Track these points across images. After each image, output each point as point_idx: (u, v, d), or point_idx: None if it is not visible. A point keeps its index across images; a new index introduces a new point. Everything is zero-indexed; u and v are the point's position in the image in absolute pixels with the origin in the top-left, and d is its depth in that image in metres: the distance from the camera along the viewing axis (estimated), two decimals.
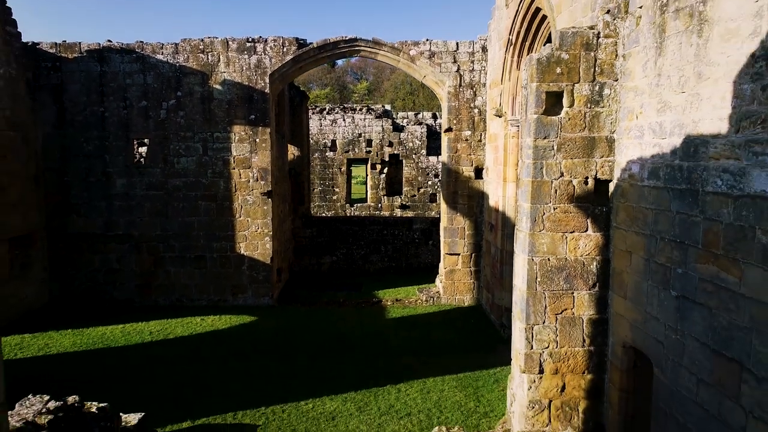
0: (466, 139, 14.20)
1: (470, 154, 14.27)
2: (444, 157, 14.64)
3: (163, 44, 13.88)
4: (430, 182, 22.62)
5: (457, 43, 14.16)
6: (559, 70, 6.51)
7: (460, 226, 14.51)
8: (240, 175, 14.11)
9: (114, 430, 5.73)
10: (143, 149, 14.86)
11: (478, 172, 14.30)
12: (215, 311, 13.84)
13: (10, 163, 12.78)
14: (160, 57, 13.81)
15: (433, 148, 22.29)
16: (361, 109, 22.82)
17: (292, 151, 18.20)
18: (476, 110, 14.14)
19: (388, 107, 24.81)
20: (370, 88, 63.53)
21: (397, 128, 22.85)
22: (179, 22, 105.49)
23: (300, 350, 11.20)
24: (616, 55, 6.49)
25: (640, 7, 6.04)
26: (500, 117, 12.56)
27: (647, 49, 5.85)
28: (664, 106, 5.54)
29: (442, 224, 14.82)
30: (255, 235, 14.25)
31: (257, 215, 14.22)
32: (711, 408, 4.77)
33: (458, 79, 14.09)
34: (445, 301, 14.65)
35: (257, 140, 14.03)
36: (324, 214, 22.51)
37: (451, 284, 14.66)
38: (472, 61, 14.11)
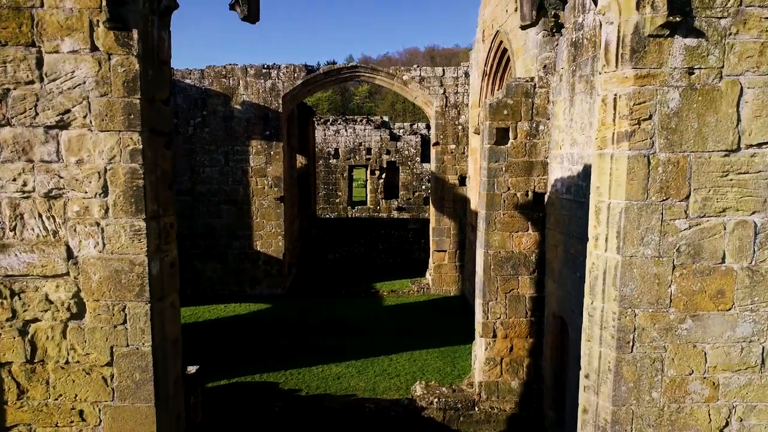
0: (452, 152, 16.49)
1: (455, 165, 16.55)
2: (433, 167, 16.94)
3: (191, 70, 16.17)
4: (424, 186, 24.94)
5: (443, 70, 16.45)
6: (506, 112, 8.79)
7: (447, 227, 16.80)
8: (257, 182, 16.39)
9: (183, 373, 8.04)
10: None
11: (462, 180, 16.57)
12: (235, 300, 16.12)
13: None
14: (188, 81, 16.11)
15: (427, 155, 24.55)
16: (361, 120, 25.19)
17: (300, 160, 20.50)
18: (460, 127, 16.42)
19: (386, 119, 27.15)
20: (371, 91, 65.31)
21: (394, 137, 25.21)
22: (199, 44, 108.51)
23: (309, 330, 13.49)
24: (548, 101, 8.77)
25: (563, 68, 8.32)
26: (478, 134, 14.84)
27: (565, 99, 8.14)
28: (574, 142, 7.82)
29: (431, 225, 17.12)
30: (269, 235, 16.54)
31: (271, 217, 16.51)
32: None
33: (444, 100, 16.38)
34: (433, 292, 16.92)
35: (272, 153, 16.31)
36: (328, 216, 24.83)
37: (439, 277, 16.94)
38: (457, 85, 16.39)
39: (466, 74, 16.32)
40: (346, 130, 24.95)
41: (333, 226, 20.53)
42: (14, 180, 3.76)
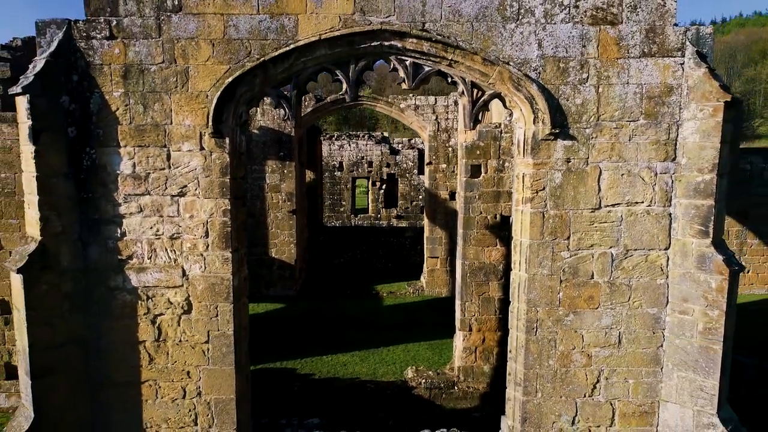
0: (443, 171, 18.81)
1: (446, 182, 18.86)
2: (426, 183, 19.26)
3: None
4: (420, 197, 27.26)
5: (435, 99, 18.77)
6: (478, 152, 11.10)
7: (439, 236, 19.11)
8: (272, 197, 18.71)
9: None
10: None
11: (452, 195, 18.86)
12: (253, 300, 18.32)
13: None
14: None
15: (424, 168, 26.89)
16: (363, 136, 27.59)
17: (309, 175, 22.84)
18: (450, 149, 18.73)
19: (386, 134, 29.52)
20: (372, 94, 67.17)
21: (394, 152, 27.57)
22: None
23: (319, 326, 15.79)
24: (512, 143, 11.07)
25: None
26: None
27: None
28: None
29: (425, 234, 19.44)
30: (283, 243, 18.87)
31: (285, 228, 18.83)
32: None
33: (437, 125, 18.70)
34: (427, 293, 19.22)
35: (285, 171, 18.62)
36: (333, 224, 27.18)
37: (432, 280, 19.24)
38: (447, 112, 18.70)
39: (455, 103, 18.61)
40: (349, 145, 27.33)
41: (338, 233, 22.85)
42: (151, 228, 6.09)
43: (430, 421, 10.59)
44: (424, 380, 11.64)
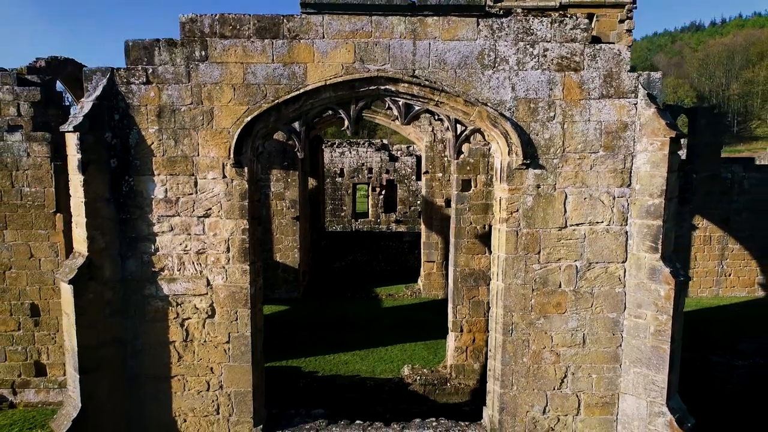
0: (439, 179, 19.80)
1: (442, 190, 19.86)
2: (423, 191, 20.25)
3: None
4: (419, 202, 28.26)
5: None
6: (468, 167, 12.10)
7: (435, 241, 20.10)
8: (276, 204, 19.72)
9: None
10: None
11: (448, 203, 19.85)
12: None
13: None
14: None
15: (421, 174, 27.89)
16: (363, 144, 28.63)
17: (311, 182, 23.83)
18: (446, 158, 19.71)
19: (385, 141, 30.55)
20: (372, 106, 68.34)
21: (393, 158, 28.59)
22: None
23: (322, 327, 16.79)
24: None
25: None
26: None
27: None
28: None
29: (422, 239, 20.43)
30: (287, 248, 19.88)
31: (288, 233, 19.83)
32: None
33: (433, 136, 19.69)
34: (424, 295, 20.22)
35: (289, 180, 19.63)
36: (334, 228, 28.19)
37: (429, 283, 20.24)
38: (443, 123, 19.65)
39: None
40: (350, 152, 28.36)
41: (339, 238, 23.85)
42: (180, 244, 7.10)
43: (423, 414, 11.57)
44: (419, 377, 12.63)
